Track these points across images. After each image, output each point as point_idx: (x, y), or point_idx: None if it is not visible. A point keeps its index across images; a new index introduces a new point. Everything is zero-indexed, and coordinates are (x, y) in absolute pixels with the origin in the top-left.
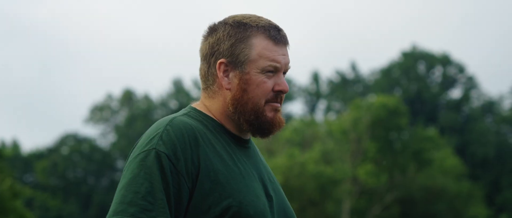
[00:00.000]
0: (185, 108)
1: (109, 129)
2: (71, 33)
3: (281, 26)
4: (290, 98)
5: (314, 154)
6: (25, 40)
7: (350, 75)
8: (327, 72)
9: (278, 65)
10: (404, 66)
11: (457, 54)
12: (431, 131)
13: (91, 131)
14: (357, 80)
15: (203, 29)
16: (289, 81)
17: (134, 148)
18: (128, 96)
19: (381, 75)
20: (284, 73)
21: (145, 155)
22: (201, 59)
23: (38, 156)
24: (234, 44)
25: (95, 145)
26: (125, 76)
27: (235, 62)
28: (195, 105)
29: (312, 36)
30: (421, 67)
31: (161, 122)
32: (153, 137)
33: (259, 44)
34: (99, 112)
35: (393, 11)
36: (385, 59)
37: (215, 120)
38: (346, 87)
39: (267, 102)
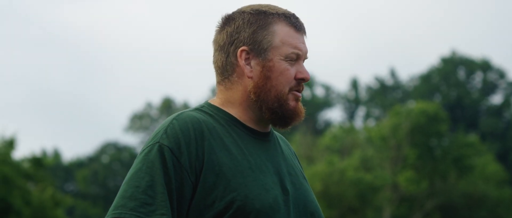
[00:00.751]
0: (200, 103)
1: (148, 138)
2: (111, 42)
3: (318, 33)
4: (329, 105)
5: (354, 161)
6: (65, 49)
7: (389, 81)
8: (366, 79)
9: (300, 52)
10: (444, 72)
11: (498, 60)
12: (472, 137)
13: (131, 140)
14: (397, 86)
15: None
16: (328, 88)
17: (144, 145)
18: (167, 105)
19: (420, 81)
20: (303, 61)
21: (149, 150)
22: (217, 50)
23: (79, 165)
24: (256, 31)
25: (135, 154)
26: (164, 84)
27: (258, 49)
28: (210, 100)
29: (351, 42)
30: (461, 73)
31: (169, 118)
32: (158, 132)
33: (281, 31)
34: (138, 121)
35: (432, 17)
36: (425, 65)
37: (228, 113)
38: (385, 94)
39: (290, 90)
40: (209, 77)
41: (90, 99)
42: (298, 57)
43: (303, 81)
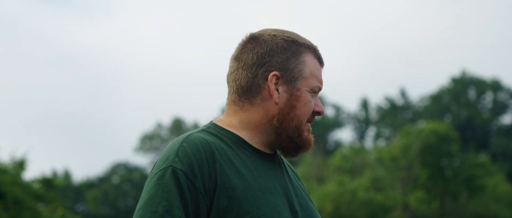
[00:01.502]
0: (205, 124)
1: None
2: (121, 63)
3: (328, 52)
4: (339, 125)
5: (364, 181)
6: (75, 69)
7: (399, 101)
8: (376, 99)
9: (321, 86)
10: (454, 92)
11: (508, 80)
12: (483, 157)
13: (142, 160)
14: (407, 106)
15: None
16: (338, 108)
17: (153, 167)
18: (177, 125)
19: (430, 101)
20: None
21: (162, 174)
22: (241, 68)
23: (89, 185)
24: (288, 58)
25: (145, 174)
26: (174, 105)
27: (288, 76)
28: (216, 121)
29: (361, 62)
30: (472, 93)
31: (177, 140)
32: (169, 155)
33: (311, 62)
34: (149, 141)
35: (442, 37)
36: (435, 85)
37: (236, 134)
38: (395, 114)
39: (306, 121)
40: (219, 97)
41: (100, 119)
42: (319, 90)
43: (318, 114)
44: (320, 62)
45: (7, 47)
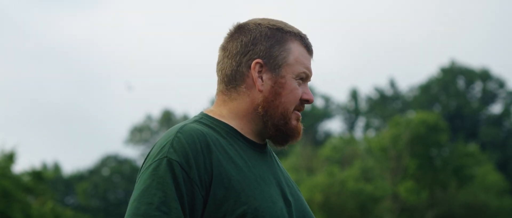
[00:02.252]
0: (197, 115)
1: (149, 150)
2: (109, 55)
3: (317, 43)
4: (328, 115)
5: (354, 171)
6: (63, 62)
7: (388, 91)
8: (366, 89)
9: (309, 73)
10: (443, 82)
11: (497, 69)
12: (472, 147)
13: (131, 152)
14: (396, 96)
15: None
16: (328, 99)
17: (146, 158)
18: (167, 117)
19: (420, 91)
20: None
21: (157, 165)
22: (227, 57)
23: (79, 177)
24: (272, 46)
25: (135, 166)
26: (164, 97)
27: (272, 64)
28: (207, 111)
29: (350, 53)
30: (461, 83)
31: (171, 130)
32: (164, 146)
33: (296, 50)
34: (138, 133)
35: (431, 26)
36: (424, 75)
37: (228, 125)
38: (385, 104)
39: (294, 109)
40: (208, 88)
41: (89, 112)
42: (307, 77)
43: (307, 102)
44: (308, 50)
45: None
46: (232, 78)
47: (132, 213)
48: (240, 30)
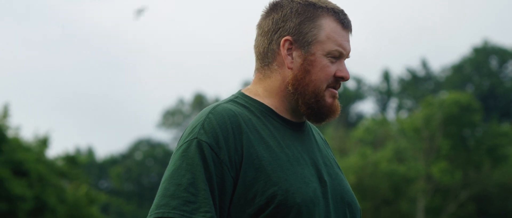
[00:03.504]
0: (233, 94)
1: (183, 132)
2: (139, 39)
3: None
4: (361, 97)
5: (387, 153)
6: (93, 48)
7: (420, 72)
8: (398, 70)
9: (343, 51)
10: (476, 61)
11: None
12: (506, 127)
13: (164, 136)
14: (428, 77)
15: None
16: (359, 81)
17: (179, 140)
18: (199, 100)
19: (452, 71)
20: (345, 59)
21: (187, 146)
22: (260, 35)
23: (113, 162)
24: (302, 22)
25: (168, 150)
26: (196, 80)
27: (301, 41)
28: (244, 90)
29: (382, 34)
30: (494, 62)
31: (204, 111)
32: (195, 126)
33: (328, 26)
34: (171, 117)
35: (463, 6)
36: (456, 55)
37: (263, 104)
38: (417, 85)
39: (327, 87)
40: (240, 71)
41: (122, 96)
42: (341, 55)
43: (342, 79)
44: (343, 26)
45: (21, 30)
46: (264, 55)
47: (161, 194)
48: (273, 7)
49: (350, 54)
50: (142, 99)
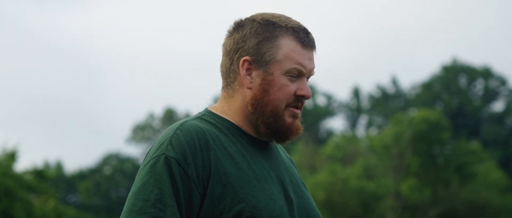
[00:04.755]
0: (200, 111)
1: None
2: (111, 52)
3: (318, 41)
4: (331, 113)
5: (356, 169)
6: (64, 59)
7: (390, 89)
8: (368, 87)
9: (303, 69)
10: (445, 79)
11: (499, 67)
12: (474, 145)
13: (134, 151)
14: (398, 94)
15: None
16: (330, 97)
17: (146, 155)
18: (169, 115)
19: (422, 89)
20: (308, 78)
21: (155, 161)
22: (224, 54)
23: (81, 176)
24: (260, 42)
25: (137, 165)
26: (166, 95)
27: (260, 61)
28: (210, 107)
29: (352, 51)
30: (462, 81)
31: (171, 127)
32: (163, 142)
33: (287, 46)
34: (141, 132)
35: (433, 24)
36: (426, 73)
37: (230, 121)
38: (387, 102)
39: (287, 106)
40: (211, 86)
41: (91, 110)
42: (300, 73)
43: (303, 98)
44: (303, 44)
45: None
46: (227, 75)
47: (128, 209)
48: (236, 27)
49: (314, 71)
50: (112, 113)
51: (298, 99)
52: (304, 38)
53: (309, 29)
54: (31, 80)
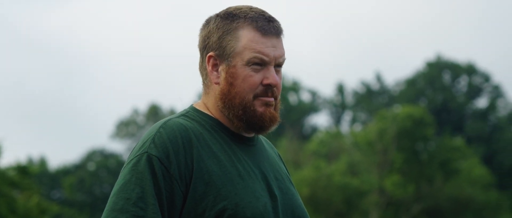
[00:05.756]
0: (185, 108)
1: (135, 145)
2: (96, 48)
3: (303, 37)
4: (315, 109)
5: (340, 165)
6: (49, 55)
7: (375, 86)
8: (352, 83)
9: (265, 58)
10: (429, 76)
11: (482, 63)
12: (458, 141)
13: (118, 147)
14: (382, 91)
15: None
16: (314, 93)
17: (130, 154)
18: (154, 111)
19: (406, 85)
20: (279, 66)
21: (137, 160)
22: (198, 52)
23: (65, 172)
24: (221, 37)
25: (121, 161)
26: (150, 91)
27: (223, 55)
28: (195, 104)
29: (337, 47)
30: (446, 77)
31: (155, 126)
32: (146, 141)
33: (245, 36)
34: (125, 128)
35: (417, 21)
36: (410, 70)
37: (213, 118)
38: (371, 98)
39: (256, 96)
40: (195, 82)
41: (76, 106)
42: (264, 62)
43: (270, 86)
44: (263, 33)
45: None
46: (201, 73)
47: (110, 208)
48: (204, 25)
49: (285, 58)
50: (96, 109)
51: (267, 88)
52: (264, 26)
53: (274, 16)
54: (14, 75)
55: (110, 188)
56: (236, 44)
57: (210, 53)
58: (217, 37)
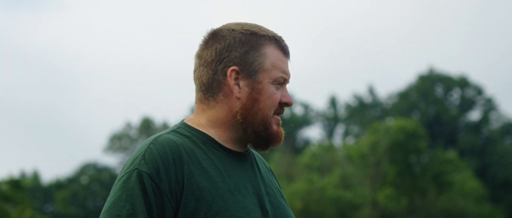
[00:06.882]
0: (176, 124)
1: (128, 158)
2: (87, 63)
3: (295, 50)
4: (308, 123)
5: (333, 179)
6: (42, 69)
7: (367, 99)
8: (345, 96)
9: (287, 77)
10: (422, 89)
11: (475, 76)
12: (451, 154)
13: (111, 160)
14: (375, 104)
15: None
16: (307, 106)
17: (121, 170)
18: (146, 125)
19: (398, 98)
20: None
21: (128, 177)
22: (202, 65)
23: (58, 186)
24: (247, 52)
25: (114, 174)
26: (143, 104)
27: (248, 70)
28: (187, 120)
29: (329, 60)
30: (439, 90)
31: (145, 142)
32: (136, 157)
33: (272, 54)
34: (118, 141)
35: (409, 34)
36: (403, 83)
37: (205, 134)
38: (363, 111)
39: (274, 114)
40: (188, 96)
41: (69, 120)
42: (285, 81)
43: (286, 105)
44: (284, 52)
45: None
46: (209, 86)
47: None
48: (214, 37)
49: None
50: (89, 122)
51: (282, 107)
52: (284, 47)
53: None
54: (6, 89)
55: (103, 202)
56: (264, 60)
57: (233, 67)
58: (243, 52)
